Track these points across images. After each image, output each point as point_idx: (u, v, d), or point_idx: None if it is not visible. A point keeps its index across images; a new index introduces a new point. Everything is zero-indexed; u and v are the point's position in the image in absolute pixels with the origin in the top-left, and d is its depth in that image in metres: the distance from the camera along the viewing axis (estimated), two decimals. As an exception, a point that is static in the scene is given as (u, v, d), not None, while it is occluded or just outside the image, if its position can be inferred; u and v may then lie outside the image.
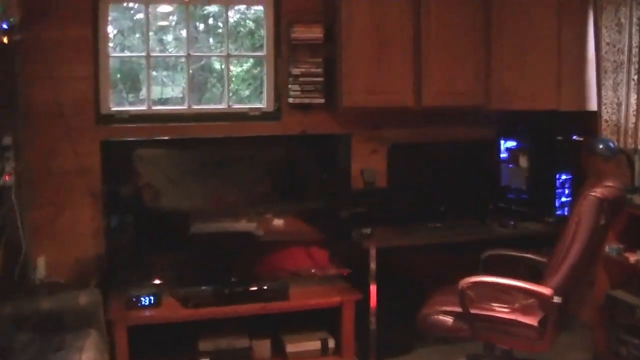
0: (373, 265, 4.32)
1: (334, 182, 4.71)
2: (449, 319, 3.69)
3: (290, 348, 4.32)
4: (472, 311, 3.62)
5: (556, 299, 3.45)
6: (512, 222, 4.57)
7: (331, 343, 4.38)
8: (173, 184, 4.50)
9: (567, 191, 4.63)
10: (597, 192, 3.45)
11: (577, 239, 3.47)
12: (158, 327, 4.13)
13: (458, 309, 3.65)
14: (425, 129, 5.11)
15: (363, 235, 4.40)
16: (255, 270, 4.59)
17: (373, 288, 4.35)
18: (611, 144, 4.20)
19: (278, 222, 4.76)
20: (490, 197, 4.98)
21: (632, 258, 4.10)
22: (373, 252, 4.30)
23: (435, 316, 3.72)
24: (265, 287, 4.28)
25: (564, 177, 4.61)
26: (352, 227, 4.59)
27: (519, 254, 4.16)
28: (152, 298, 4.09)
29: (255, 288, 4.27)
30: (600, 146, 4.19)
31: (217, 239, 4.61)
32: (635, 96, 4.25)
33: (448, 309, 3.71)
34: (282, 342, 4.37)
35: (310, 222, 4.77)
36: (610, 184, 3.52)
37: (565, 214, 4.57)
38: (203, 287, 4.25)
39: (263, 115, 4.96)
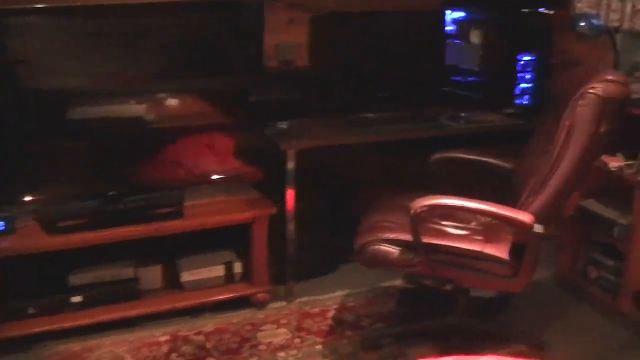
0: (291, 171, 3.39)
1: (242, 59, 3.75)
2: (394, 250, 2.84)
3: (186, 276, 3.41)
4: (425, 240, 2.75)
5: (537, 228, 2.61)
6: (464, 114, 3.65)
7: (238, 267, 3.51)
8: (47, 60, 3.44)
9: (528, 76, 3.73)
10: (599, 89, 2.59)
11: (568, 150, 2.63)
12: (21, 259, 3.14)
13: (406, 237, 2.78)
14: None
15: (278, 130, 3.44)
16: (141, 171, 3.59)
17: (291, 198, 3.42)
18: (596, 21, 3.29)
19: (173, 103, 3.74)
20: (434, 81, 4.04)
21: (613, 163, 3.27)
22: (291, 153, 3.35)
23: (377, 246, 2.86)
24: (153, 203, 3.29)
25: (526, 58, 3.70)
26: (265, 117, 3.64)
27: (477, 158, 3.30)
28: (2, 224, 3.06)
29: (140, 204, 3.27)
30: (583, 23, 3.28)
31: (96, 128, 3.59)
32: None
33: (392, 236, 2.84)
34: (177, 268, 3.43)
35: (213, 106, 3.77)
36: (612, 77, 2.65)
37: (526, 103, 3.70)
38: (73, 205, 3.25)
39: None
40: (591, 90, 2.58)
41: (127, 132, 3.62)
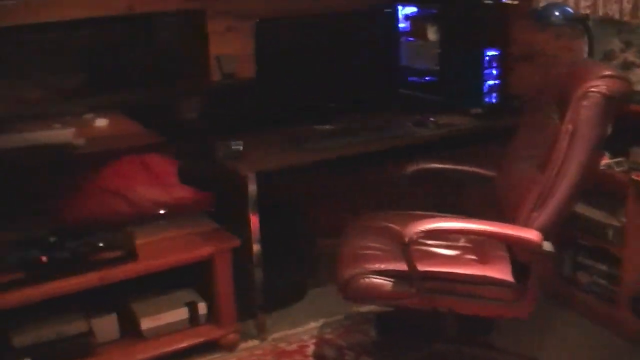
0: (253, 195, 3.03)
1: (179, 72, 3.50)
2: (387, 283, 2.54)
3: (146, 323, 3.04)
4: (420, 267, 2.44)
5: (546, 246, 2.34)
6: (432, 119, 3.36)
7: (202, 308, 3.14)
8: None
9: (494, 72, 3.47)
10: (602, 87, 2.32)
11: (574, 157, 2.36)
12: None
13: (398, 267, 2.48)
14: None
15: (233, 152, 3.07)
16: (76, 205, 3.19)
17: (255, 225, 3.07)
18: (568, 9, 3.04)
19: (102, 124, 3.47)
20: (389, 84, 3.74)
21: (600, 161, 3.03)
22: (252, 177, 2.99)
23: (366, 279, 2.54)
24: (100, 246, 2.89)
25: (491, 53, 3.44)
26: (211, 135, 3.31)
27: (457, 167, 3.02)
28: None
29: (85, 250, 2.87)
30: (556, 12, 3.02)
31: (20, 159, 3.22)
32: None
33: (383, 266, 2.53)
34: (134, 314, 3.05)
35: (147, 125, 3.47)
36: (611, 72, 2.39)
37: (494, 101, 3.45)
38: (5, 257, 2.82)
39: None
40: (594, 89, 2.32)
41: (54, 161, 3.25)
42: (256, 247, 3.09)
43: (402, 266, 2.45)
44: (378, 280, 2.52)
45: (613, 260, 3.16)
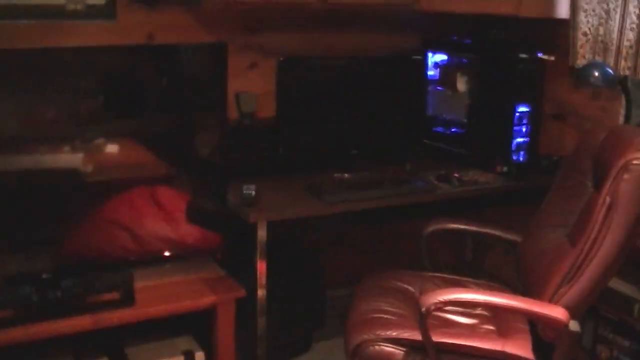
0: (262, 242, 2.86)
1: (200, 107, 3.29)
2: (398, 352, 2.37)
3: (139, 370, 2.84)
4: (435, 338, 2.26)
5: (573, 326, 2.16)
6: (456, 174, 3.19)
7: (200, 358, 2.94)
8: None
9: (524, 129, 3.30)
10: (646, 159, 2.13)
11: (609, 233, 2.17)
12: None
13: (411, 335, 2.30)
14: (327, 37, 3.58)
15: (244, 197, 2.90)
16: (78, 235, 3.03)
17: (261, 274, 2.89)
18: (609, 70, 2.88)
19: (112, 151, 3.22)
20: (414, 133, 3.58)
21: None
22: (263, 226, 2.83)
23: (377, 346, 2.36)
24: (97, 287, 2.73)
25: (522, 109, 3.27)
26: (224, 175, 3.15)
27: (480, 230, 2.85)
28: None
29: (80, 290, 2.71)
30: (595, 73, 2.86)
31: (24, 182, 3.03)
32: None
33: (395, 334, 2.35)
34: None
35: (159, 155, 3.28)
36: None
37: (522, 160, 3.28)
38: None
39: (89, 12, 3.25)
40: (636, 162, 2.15)
41: (60, 187, 3.07)
42: (261, 296, 2.91)
43: (416, 335, 2.29)
44: (389, 348, 2.35)
45: (638, 337, 2.95)
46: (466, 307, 2.49)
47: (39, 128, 3.16)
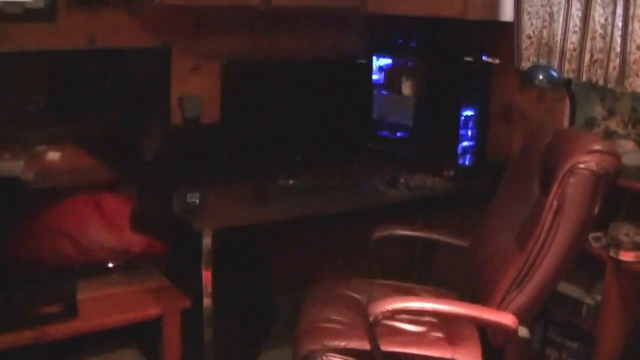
0: (207, 253, 2.80)
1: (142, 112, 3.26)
2: (347, 362, 2.29)
3: (83, 385, 2.76)
4: (384, 348, 2.23)
5: (522, 332, 2.15)
6: (402, 179, 3.16)
7: (146, 369, 2.87)
8: None
9: (470, 132, 3.30)
10: (591, 163, 2.15)
11: (557, 237, 2.19)
12: None
13: (359, 345, 2.27)
14: (271, 40, 3.54)
15: (188, 204, 2.83)
16: (19, 243, 2.93)
17: (207, 283, 2.84)
18: (554, 73, 2.89)
19: (54, 157, 3.18)
20: (359, 137, 3.55)
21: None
22: (208, 234, 2.77)
23: (325, 357, 2.31)
24: (39, 299, 2.64)
25: (468, 112, 3.27)
26: (168, 181, 3.09)
27: (428, 236, 2.83)
28: None
29: (23, 302, 2.61)
30: (540, 75, 2.86)
31: None
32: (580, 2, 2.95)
33: (343, 344, 2.31)
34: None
35: (102, 161, 3.24)
36: (601, 147, 2.21)
37: (468, 163, 3.27)
38: None
39: (28, 14, 3.15)
40: (582, 165, 2.15)
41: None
42: (207, 306, 2.85)
43: (365, 345, 2.25)
44: (338, 359, 2.29)
45: (586, 339, 2.98)
46: (414, 314, 2.46)
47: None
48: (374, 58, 3.60)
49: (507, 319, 2.16)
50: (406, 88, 3.48)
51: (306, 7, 3.37)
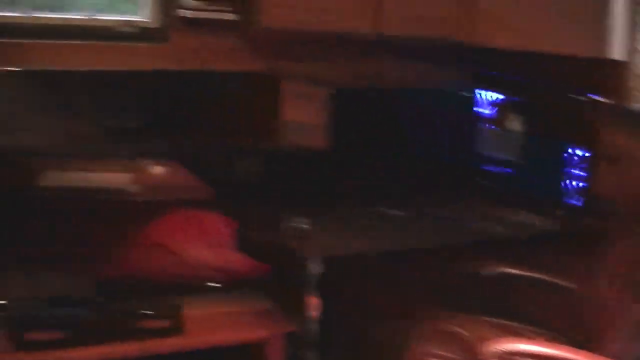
0: (315, 280, 2.81)
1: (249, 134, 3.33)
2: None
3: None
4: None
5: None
6: (509, 215, 3.15)
7: (245, 392, 2.89)
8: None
9: (580, 172, 3.25)
10: None
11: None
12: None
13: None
14: (375, 68, 3.56)
15: (297, 230, 2.86)
16: (124, 256, 3.04)
17: (313, 310, 2.84)
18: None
19: (160, 172, 3.31)
20: (463, 171, 3.54)
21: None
22: (317, 263, 2.78)
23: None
24: (146, 313, 2.69)
25: (579, 152, 3.22)
26: (272, 204, 3.15)
27: (539, 277, 2.81)
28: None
29: (130, 315, 2.69)
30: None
31: (68, 201, 3.04)
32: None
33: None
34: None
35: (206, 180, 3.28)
36: None
37: (576, 203, 3.22)
38: (46, 312, 2.64)
39: (141, 34, 3.27)
40: None
41: (107, 207, 3.09)
42: (313, 332, 2.86)
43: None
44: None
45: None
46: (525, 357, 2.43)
47: (84, 145, 3.16)
48: (480, 91, 3.58)
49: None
50: (514, 124, 3.45)
51: (416, 37, 3.37)
